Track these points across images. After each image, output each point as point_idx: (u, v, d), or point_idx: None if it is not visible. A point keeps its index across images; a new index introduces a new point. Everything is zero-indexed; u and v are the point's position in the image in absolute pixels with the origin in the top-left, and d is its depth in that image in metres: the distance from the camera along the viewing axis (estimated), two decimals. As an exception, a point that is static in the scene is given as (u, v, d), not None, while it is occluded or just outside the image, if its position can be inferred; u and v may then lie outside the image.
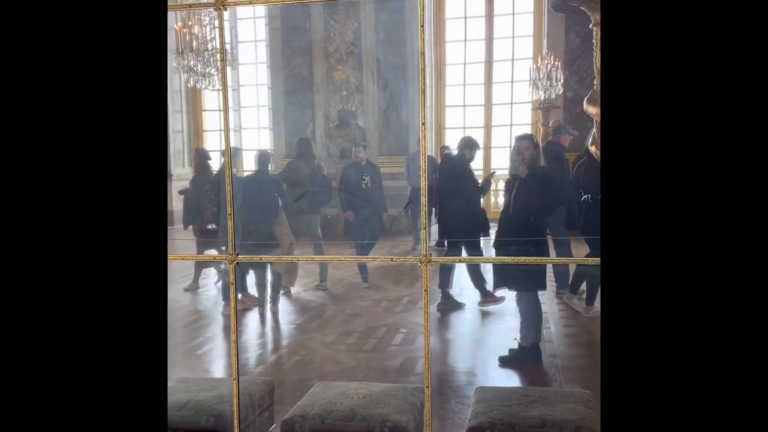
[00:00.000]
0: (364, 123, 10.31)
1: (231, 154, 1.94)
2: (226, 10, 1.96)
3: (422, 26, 1.89)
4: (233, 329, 2.09)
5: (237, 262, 2.04)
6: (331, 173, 10.14)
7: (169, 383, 2.65)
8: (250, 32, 11.85)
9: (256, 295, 5.55)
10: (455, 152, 5.45)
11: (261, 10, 11.23)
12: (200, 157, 6.41)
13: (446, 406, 3.36)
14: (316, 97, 10.37)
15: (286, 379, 3.78)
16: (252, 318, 5.37)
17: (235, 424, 2.02)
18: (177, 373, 3.94)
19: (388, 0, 10.05)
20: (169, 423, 2.30)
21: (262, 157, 5.64)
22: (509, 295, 5.36)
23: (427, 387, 1.96)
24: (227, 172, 2.07)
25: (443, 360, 4.21)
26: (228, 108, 2.02)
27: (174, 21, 8.15)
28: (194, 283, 6.25)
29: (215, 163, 6.46)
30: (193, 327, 5.16)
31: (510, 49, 10.74)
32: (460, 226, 5.08)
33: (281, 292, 5.76)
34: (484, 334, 4.92)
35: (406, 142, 10.11)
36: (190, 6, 2.35)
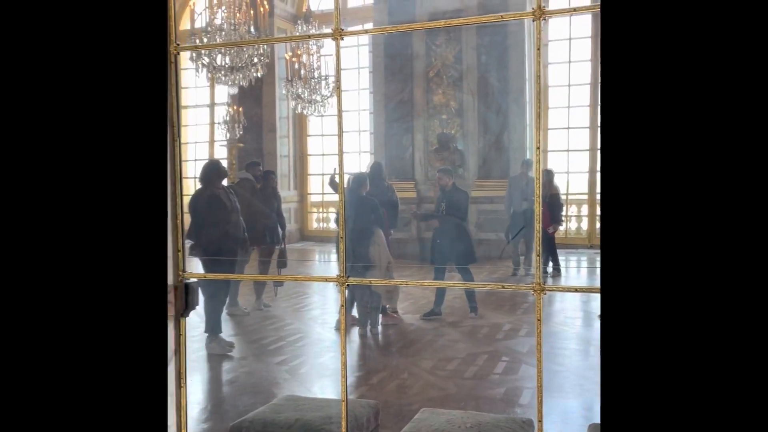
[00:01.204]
0: (464, 146, 10.28)
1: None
2: (343, 39, 2.02)
3: (538, 49, 1.85)
4: (342, 350, 2.11)
5: (347, 284, 2.07)
6: (429, 197, 10.18)
7: (277, 401, 2.72)
8: (353, 59, 12.22)
9: (358, 316, 5.62)
10: None
11: (365, 37, 11.56)
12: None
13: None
14: (416, 121, 10.47)
15: (388, 402, 3.77)
16: (353, 339, 5.43)
17: (344, 446, 2.02)
18: (281, 391, 4.04)
19: (491, 24, 10.02)
20: (279, 440, 2.34)
21: (360, 179, 5.74)
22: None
23: (540, 421, 1.88)
24: (340, 197, 2.11)
25: (549, 391, 4.04)
26: (342, 133, 2.07)
27: (284, 50, 8.54)
28: (258, 301, 6.50)
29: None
30: (296, 345, 5.29)
31: (617, 69, 10.35)
32: None
33: (381, 313, 5.79)
34: (592, 366, 4.69)
35: (506, 165, 9.95)
36: (309, 36, 2.44)
